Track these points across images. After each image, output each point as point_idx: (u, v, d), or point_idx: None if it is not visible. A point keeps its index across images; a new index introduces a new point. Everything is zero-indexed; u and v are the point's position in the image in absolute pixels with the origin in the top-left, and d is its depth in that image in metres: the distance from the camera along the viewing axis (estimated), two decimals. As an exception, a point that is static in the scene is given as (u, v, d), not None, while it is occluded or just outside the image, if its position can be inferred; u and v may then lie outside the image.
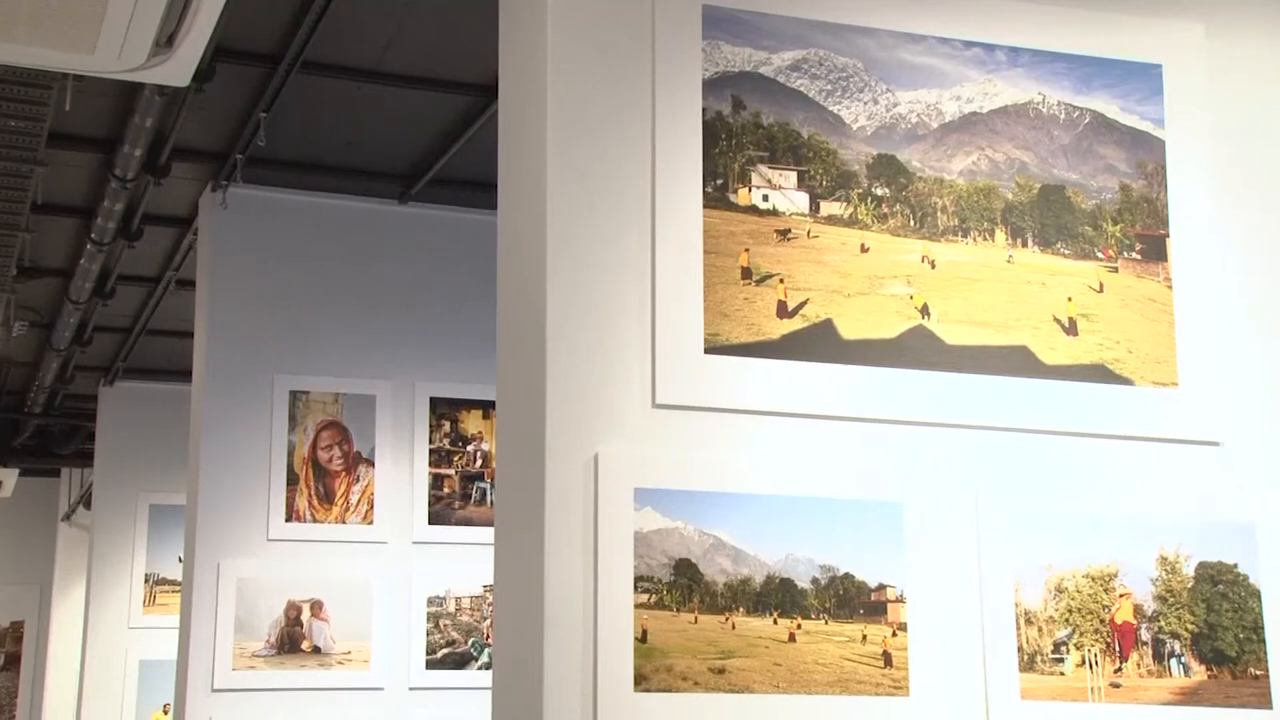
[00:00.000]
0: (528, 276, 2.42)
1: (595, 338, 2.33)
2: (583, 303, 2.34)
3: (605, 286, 2.36)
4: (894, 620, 2.36)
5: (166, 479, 8.55)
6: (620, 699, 2.22)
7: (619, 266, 2.37)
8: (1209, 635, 2.50)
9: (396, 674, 5.87)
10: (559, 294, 2.33)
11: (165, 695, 8.21)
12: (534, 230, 2.40)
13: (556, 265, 2.33)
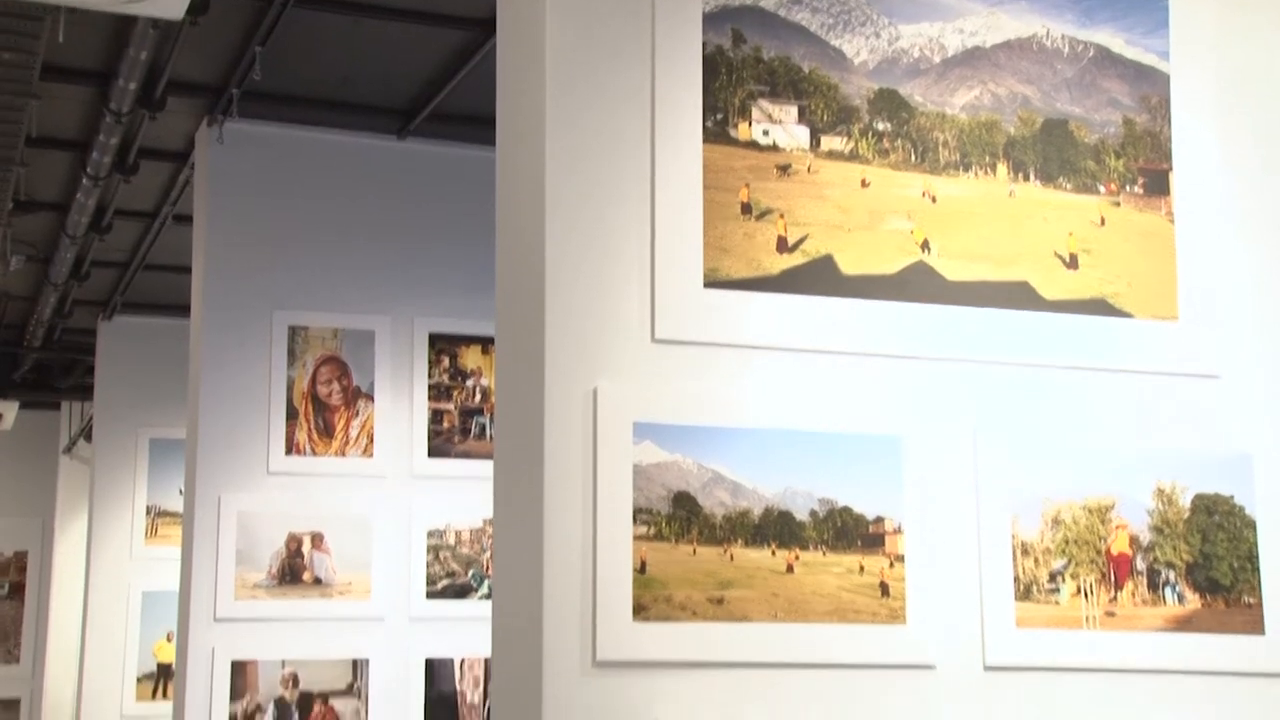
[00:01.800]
0: (527, 212, 2.42)
1: (594, 273, 2.34)
2: (582, 237, 2.34)
3: (604, 221, 2.36)
4: (891, 552, 2.39)
5: (166, 413, 8.57)
6: (619, 628, 2.24)
7: (618, 201, 2.37)
8: (1203, 565, 2.53)
9: (397, 604, 5.92)
10: (558, 229, 2.33)
11: (168, 624, 8.29)
12: (533, 165, 2.40)
13: (556, 200, 2.33)
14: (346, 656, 5.81)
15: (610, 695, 2.22)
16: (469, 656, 5.95)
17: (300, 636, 5.77)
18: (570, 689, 2.21)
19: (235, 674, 5.67)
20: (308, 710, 5.72)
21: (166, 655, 8.46)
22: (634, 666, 2.24)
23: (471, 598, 6.00)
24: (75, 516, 10.31)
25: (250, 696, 5.68)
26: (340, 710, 5.76)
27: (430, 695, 5.90)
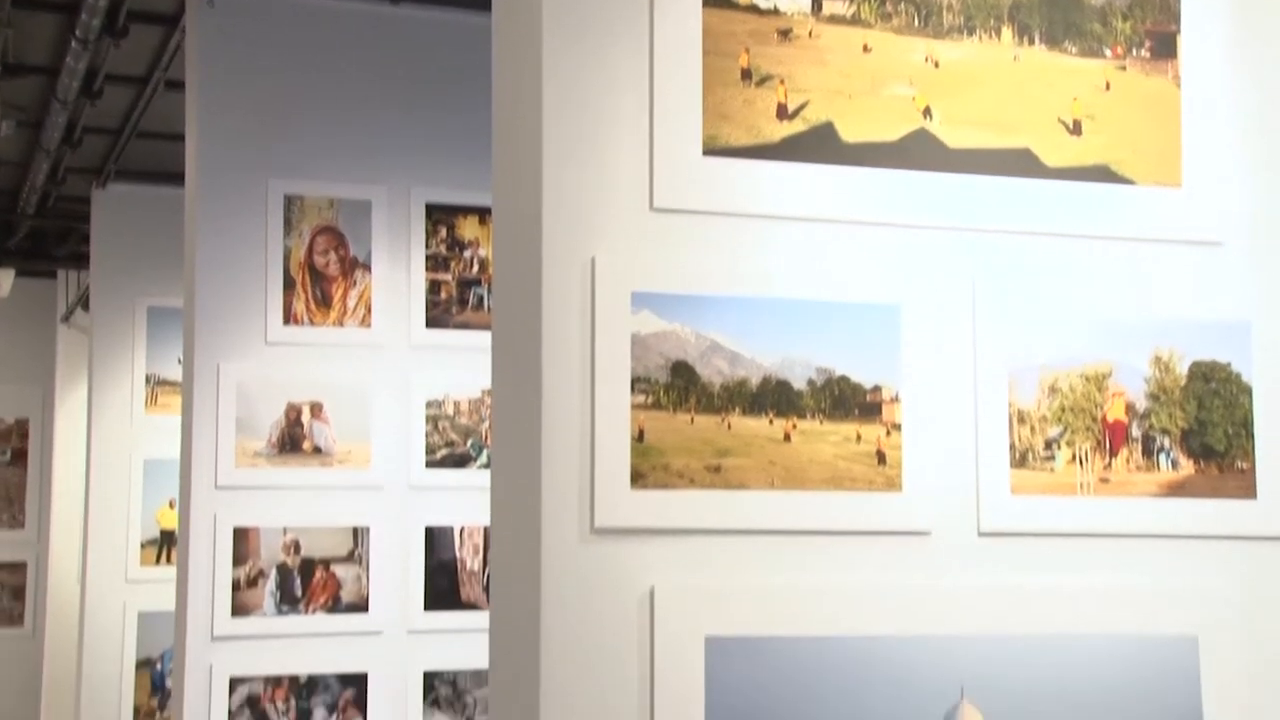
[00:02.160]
0: (523, 79, 2.39)
1: (591, 141, 2.31)
2: (579, 105, 2.31)
3: (602, 88, 2.32)
4: (888, 420, 2.40)
5: (163, 282, 8.56)
6: (617, 496, 2.26)
7: (616, 68, 2.33)
8: (1198, 431, 2.54)
9: (397, 474, 5.98)
10: (555, 96, 2.30)
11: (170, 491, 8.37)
12: (529, 31, 2.36)
13: (553, 67, 2.29)
14: (347, 524, 5.88)
15: (608, 562, 2.25)
16: (468, 525, 6.02)
17: (301, 504, 5.83)
18: (568, 556, 2.23)
19: (237, 540, 5.74)
20: (309, 576, 5.81)
21: (169, 522, 8.56)
22: (631, 533, 2.26)
23: (470, 467, 6.05)
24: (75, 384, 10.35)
25: (252, 562, 5.75)
26: (342, 576, 5.85)
27: (430, 562, 5.98)
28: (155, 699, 8.59)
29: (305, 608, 5.78)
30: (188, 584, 5.69)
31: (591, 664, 2.22)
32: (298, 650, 5.75)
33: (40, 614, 10.92)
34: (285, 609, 5.75)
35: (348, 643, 5.81)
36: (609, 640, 2.23)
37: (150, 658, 8.64)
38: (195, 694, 5.62)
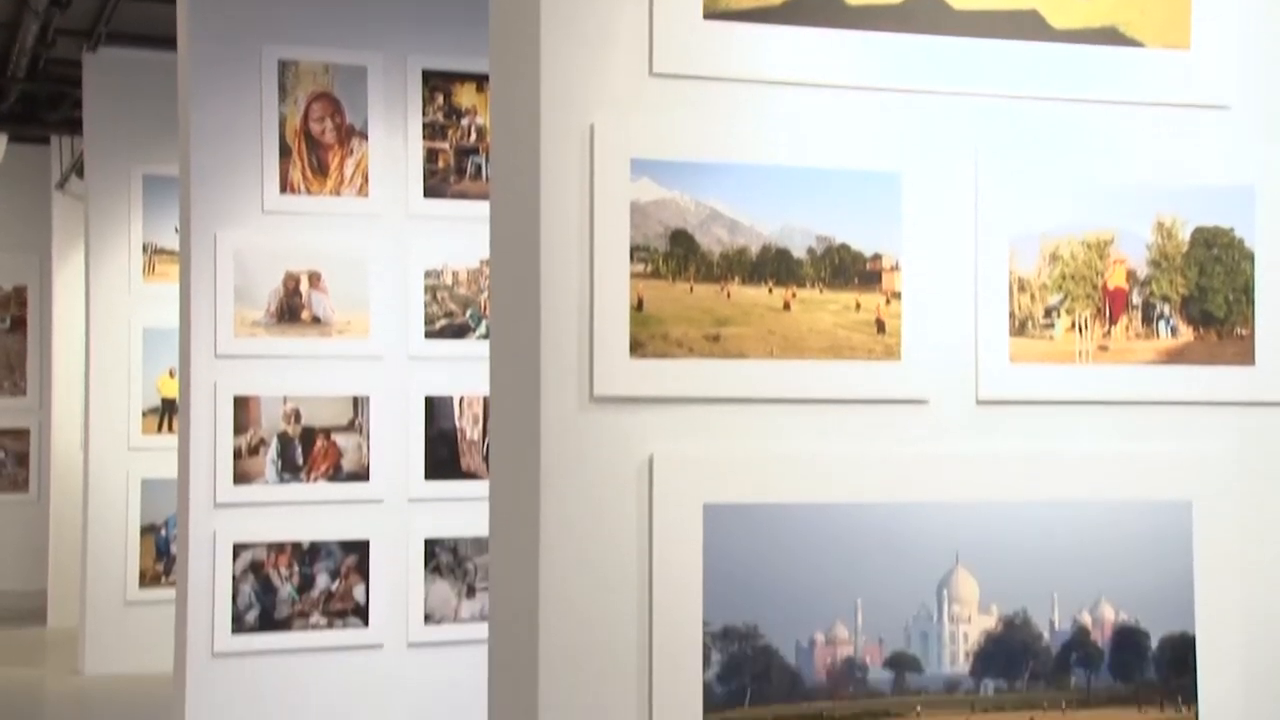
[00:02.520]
0: (518, -62, 2.33)
1: (590, 5, 2.26)
2: (576, -34, 2.26)
3: (599, -52, 2.27)
4: (888, 289, 2.39)
5: (158, 149, 8.48)
6: (616, 365, 2.26)
7: (613, -73, 2.28)
8: (1199, 298, 2.53)
9: (396, 344, 5.98)
10: (551, -43, 2.25)
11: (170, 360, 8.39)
12: (524, -112, 2.30)
13: (548, -74, 2.24)
14: (347, 394, 5.90)
15: (607, 430, 2.25)
16: (468, 394, 6.04)
17: (301, 374, 5.85)
18: (567, 424, 2.24)
19: (238, 409, 5.77)
20: (310, 445, 5.84)
21: (170, 390, 8.60)
22: (630, 402, 2.27)
23: (469, 337, 6.05)
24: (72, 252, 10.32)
25: (253, 431, 5.79)
26: (342, 445, 5.89)
27: (430, 432, 6.01)
28: (160, 564, 8.71)
29: (306, 476, 5.82)
30: (189, 452, 5.73)
31: (590, 532, 2.24)
32: (300, 517, 5.82)
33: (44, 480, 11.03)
34: (287, 477, 5.80)
35: (349, 510, 5.87)
36: (608, 508, 2.25)
37: (154, 524, 8.74)
38: (199, 559, 5.70)
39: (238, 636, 5.71)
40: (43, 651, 9.61)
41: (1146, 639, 2.45)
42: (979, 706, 2.38)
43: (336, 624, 5.83)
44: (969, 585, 2.38)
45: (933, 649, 2.37)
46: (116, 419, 8.75)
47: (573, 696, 2.21)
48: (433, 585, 5.97)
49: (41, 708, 8.19)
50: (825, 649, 2.31)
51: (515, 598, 2.33)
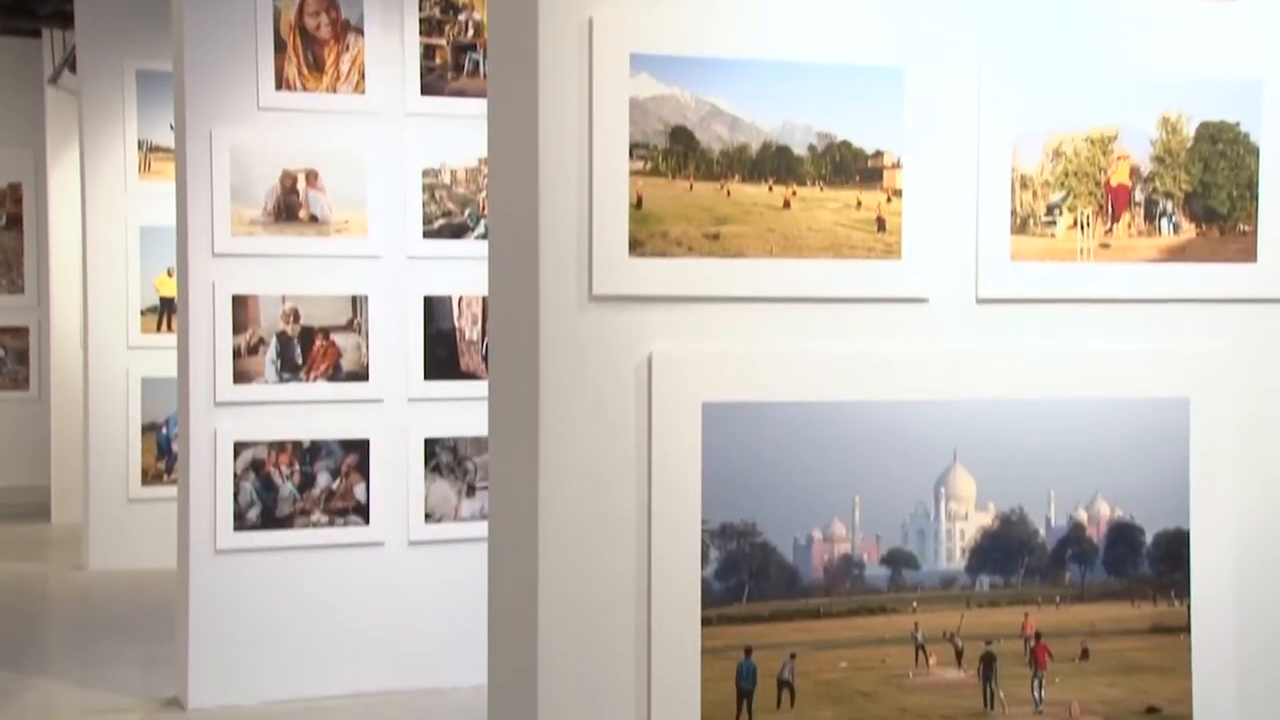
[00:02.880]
0: None
1: (587, -106, 2.22)
2: None
3: None
4: (889, 186, 2.37)
5: (152, 44, 8.38)
6: (615, 263, 2.25)
7: None
8: (1202, 194, 2.51)
9: (394, 243, 5.96)
10: None
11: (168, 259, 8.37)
12: None
13: None
14: (345, 293, 5.89)
15: (606, 329, 2.25)
16: (466, 294, 6.03)
17: (299, 273, 5.84)
18: (566, 324, 2.23)
19: (236, 308, 5.76)
20: (309, 344, 5.85)
21: (168, 289, 8.58)
22: (630, 301, 2.26)
23: (468, 237, 6.03)
24: (67, 149, 10.24)
25: (252, 330, 5.79)
26: (341, 345, 5.89)
27: (429, 331, 6.01)
28: (162, 462, 8.76)
29: (306, 375, 5.83)
30: (188, 350, 5.73)
31: (589, 430, 2.24)
32: (300, 417, 5.84)
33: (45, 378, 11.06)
34: (286, 376, 5.81)
35: (349, 410, 5.89)
36: (607, 407, 2.25)
37: (155, 422, 8.78)
38: (200, 457, 5.73)
39: (240, 534, 5.76)
40: (47, 547, 9.70)
41: (1141, 535, 2.47)
42: (974, 602, 2.40)
43: (338, 522, 5.88)
44: (966, 483, 2.40)
45: (929, 546, 2.39)
46: (115, 318, 8.75)
47: (571, 594, 2.23)
48: (433, 484, 6.01)
49: (48, 602, 8.29)
50: (823, 546, 2.33)
51: (514, 497, 2.34)
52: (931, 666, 2.38)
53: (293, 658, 5.84)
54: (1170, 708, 2.47)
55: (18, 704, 5.92)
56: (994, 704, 2.40)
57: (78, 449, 9.34)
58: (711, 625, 2.27)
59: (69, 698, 6.03)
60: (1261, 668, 2.53)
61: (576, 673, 2.23)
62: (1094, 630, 2.45)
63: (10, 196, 11.56)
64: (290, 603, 5.85)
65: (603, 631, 2.24)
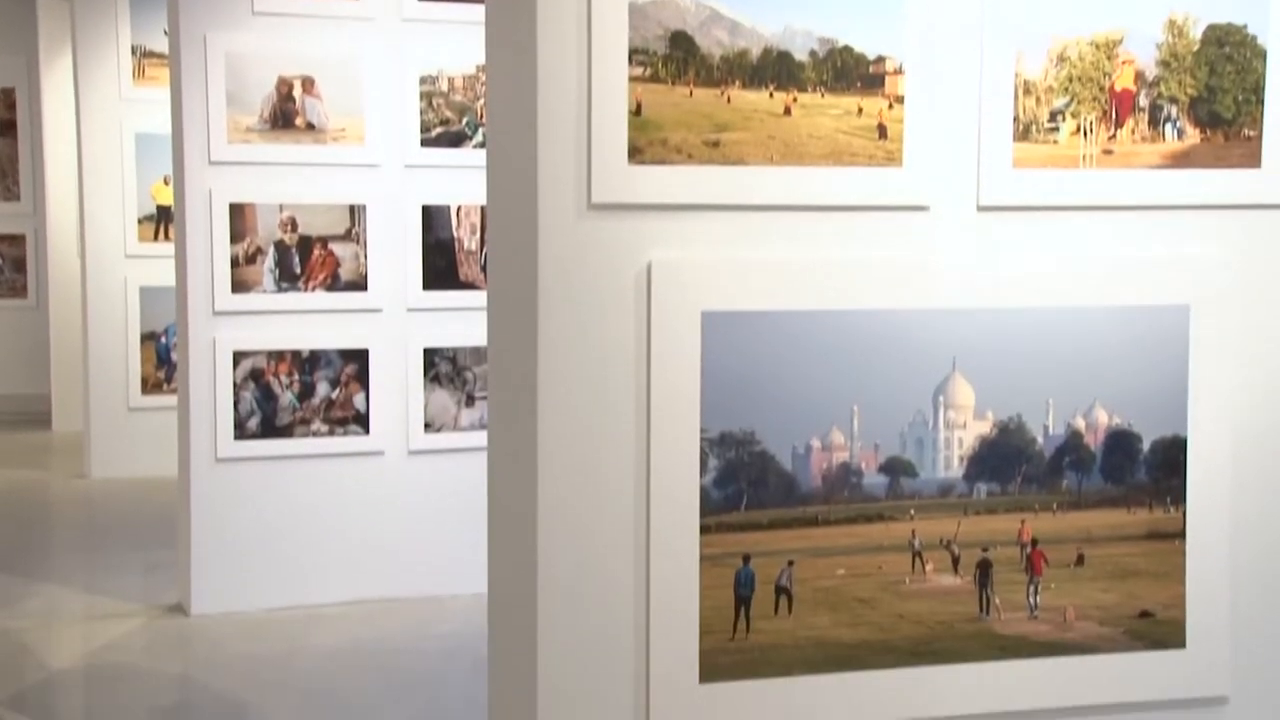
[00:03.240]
0: None
1: None
2: None
3: None
4: (890, 93, 2.34)
5: (143, -53, 8.28)
6: (614, 171, 2.24)
7: None
8: (1207, 99, 2.49)
9: (392, 151, 5.92)
10: None
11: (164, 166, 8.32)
12: None
13: None
14: (343, 202, 5.86)
15: (605, 237, 2.24)
16: (465, 204, 6.00)
17: (296, 181, 5.81)
18: (565, 232, 2.22)
19: (234, 217, 5.74)
20: (307, 254, 5.83)
21: (165, 198, 8.54)
22: (629, 209, 2.25)
23: (466, 146, 5.98)
24: (60, 54, 10.13)
25: (250, 239, 5.77)
26: (340, 254, 5.87)
27: (427, 241, 5.99)
28: (161, 371, 8.78)
29: (305, 285, 5.82)
30: (186, 259, 5.72)
31: (588, 340, 2.24)
32: (299, 326, 5.84)
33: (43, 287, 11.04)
34: (285, 286, 5.80)
35: (348, 320, 5.89)
36: (606, 316, 2.24)
37: (154, 331, 8.78)
38: (200, 366, 5.74)
39: (240, 443, 5.79)
40: (48, 455, 9.75)
41: (1138, 442, 2.48)
42: (971, 510, 2.42)
43: (337, 431, 5.90)
44: (965, 391, 2.40)
45: (927, 454, 2.39)
46: (112, 226, 8.71)
47: (571, 503, 2.25)
48: (432, 394, 6.03)
49: (51, 509, 8.35)
50: (821, 454, 2.34)
51: (513, 407, 2.34)
52: (928, 573, 2.40)
53: (294, 566, 5.90)
54: (1163, 612, 2.49)
55: (22, 609, 5.99)
56: (989, 609, 2.42)
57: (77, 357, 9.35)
58: (710, 533, 2.29)
59: (73, 603, 6.09)
60: (1255, 573, 2.55)
61: (575, 580, 2.25)
62: (1090, 537, 2.46)
63: (3, 102, 11.45)
64: (291, 511, 5.89)
65: (602, 539, 2.26)
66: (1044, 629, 2.45)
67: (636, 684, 2.27)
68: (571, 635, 2.25)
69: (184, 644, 5.52)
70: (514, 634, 2.36)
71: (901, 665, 2.38)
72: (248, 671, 5.15)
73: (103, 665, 5.28)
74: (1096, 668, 2.46)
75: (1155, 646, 2.49)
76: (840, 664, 2.35)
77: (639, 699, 2.28)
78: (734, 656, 2.30)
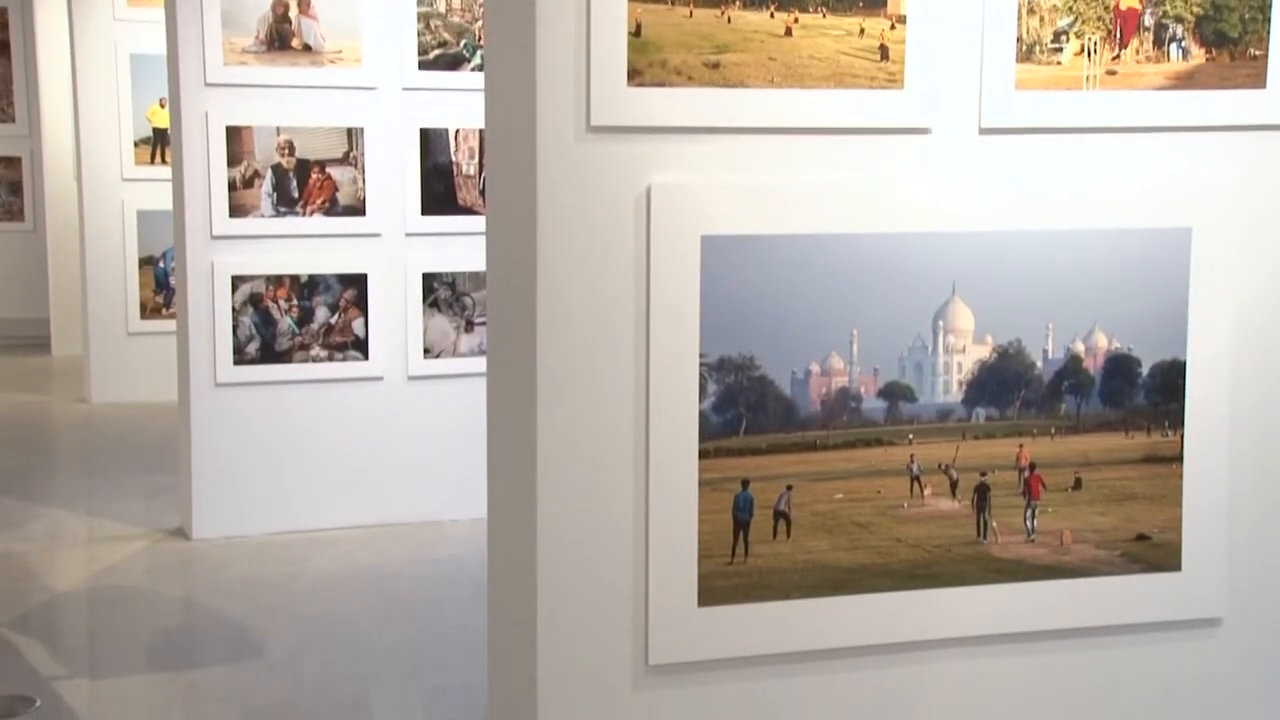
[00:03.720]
0: None
1: None
2: None
3: None
4: (893, 13, 2.32)
5: None
6: (614, 93, 2.21)
7: None
8: (1213, 17, 2.46)
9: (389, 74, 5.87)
10: None
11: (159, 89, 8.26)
12: None
13: None
14: (340, 125, 5.81)
15: (604, 160, 2.22)
16: (463, 127, 5.96)
17: (293, 104, 5.76)
18: (564, 155, 2.20)
19: (230, 140, 5.70)
20: (305, 178, 5.80)
21: (161, 120, 8.48)
22: (628, 131, 2.23)
23: (464, 68, 5.93)
24: (51, -26, 10.02)
25: (247, 163, 5.73)
26: (338, 179, 5.84)
27: (426, 165, 5.95)
28: (160, 296, 8.76)
29: (302, 209, 5.80)
30: (183, 183, 5.69)
31: (588, 264, 2.23)
32: (297, 251, 5.82)
33: (40, 210, 10.99)
34: (283, 210, 5.77)
35: (346, 244, 5.87)
36: (606, 240, 2.23)
37: (152, 256, 8.75)
38: (198, 291, 5.73)
39: (239, 368, 5.79)
40: (49, 379, 9.76)
41: (1138, 366, 2.48)
42: (969, 434, 2.42)
43: (336, 357, 5.90)
44: (965, 315, 2.39)
45: (926, 379, 2.39)
46: (108, 149, 8.66)
47: (570, 426, 2.25)
48: (431, 319, 6.02)
49: (52, 434, 8.37)
50: (820, 379, 2.34)
51: (512, 331, 2.34)
52: (926, 497, 2.41)
53: (294, 491, 5.92)
54: (1159, 535, 2.51)
55: (25, 532, 6.02)
56: (987, 533, 2.44)
57: (76, 282, 9.33)
58: (709, 458, 2.29)
59: (75, 527, 6.13)
60: (1251, 496, 2.56)
61: (575, 505, 2.26)
62: (1087, 461, 2.47)
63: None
64: (290, 437, 5.91)
65: (601, 464, 2.26)
66: (1041, 552, 2.46)
67: (635, 607, 2.29)
68: (571, 559, 2.27)
69: (185, 568, 5.56)
70: (513, 558, 2.38)
71: (899, 589, 2.39)
72: (248, 595, 5.19)
73: (105, 588, 5.32)
74: (1092, 590, 2.48)
75: (1151, 569, 2.51)
76: (838, 588, 2.36)
77: (638, 622, 2.29)
78: (732, 580, 2.32)
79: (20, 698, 4.20)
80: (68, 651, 4.70)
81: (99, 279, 8.75)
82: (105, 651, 4.69)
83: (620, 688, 2.30)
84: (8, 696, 4.21)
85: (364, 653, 4.62)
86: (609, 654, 2.29)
